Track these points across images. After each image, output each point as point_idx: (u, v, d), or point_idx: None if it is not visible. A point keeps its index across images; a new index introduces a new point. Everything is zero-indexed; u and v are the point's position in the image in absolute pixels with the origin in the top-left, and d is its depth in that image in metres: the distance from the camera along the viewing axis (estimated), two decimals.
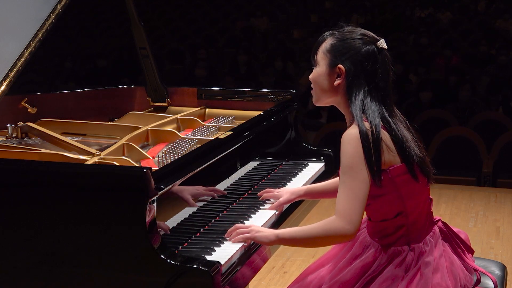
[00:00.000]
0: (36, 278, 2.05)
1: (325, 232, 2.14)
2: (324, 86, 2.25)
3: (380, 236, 2.25)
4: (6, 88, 2.63)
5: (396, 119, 2.22)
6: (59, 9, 2.82)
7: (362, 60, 2.18)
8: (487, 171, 6.60)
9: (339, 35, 2.25)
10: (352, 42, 2.21)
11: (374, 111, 2.15)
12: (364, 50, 2.19)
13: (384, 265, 2.21)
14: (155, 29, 11.75)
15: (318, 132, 7.16)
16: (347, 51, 2.20)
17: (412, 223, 2.21)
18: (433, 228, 2.29)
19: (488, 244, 4.89)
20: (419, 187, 2.21)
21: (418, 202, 2.22)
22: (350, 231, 2.10)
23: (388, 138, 2.15)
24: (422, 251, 2.21)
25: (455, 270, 2.25)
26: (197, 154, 2.40)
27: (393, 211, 2.20)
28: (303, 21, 12.55)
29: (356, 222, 2.10)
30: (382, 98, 2.19)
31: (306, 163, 3.15)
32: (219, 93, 3.54)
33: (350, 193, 2.10)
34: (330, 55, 2.23)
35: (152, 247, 1.93)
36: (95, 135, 3.08)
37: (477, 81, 8.33)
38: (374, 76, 2.18)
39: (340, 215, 2.11)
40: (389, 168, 2.14)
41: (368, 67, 2.18)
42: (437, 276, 2.18)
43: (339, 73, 2.20)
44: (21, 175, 2.07)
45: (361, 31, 2.26)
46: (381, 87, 2.19)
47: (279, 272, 4.35)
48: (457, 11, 11.60)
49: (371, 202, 2.19)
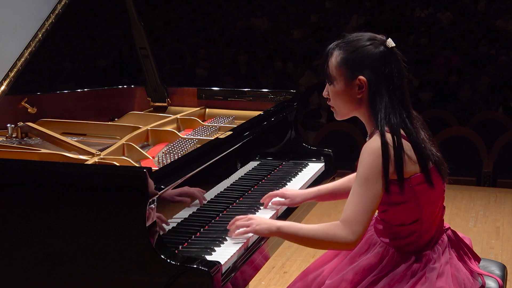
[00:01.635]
0: (36, 278, 2.05)
1: (327, 237, 2.12)
2: (347, 101, 2.20)
3: (392, 238, 2.24)
4: (6, 88, 2.62)
5: (414, 119, 2.19)
6: (59, 9, 2.81)
7: (379, 65, 2.14)
8: (487, 171, 6.60)
9: (347, 47, 2.19)
10: (364, 50, 2.16)
11: (397, 120, 2.12)
12: (378, 54, 2.15)
13: (390, 267, 2.21)
14: (155, 29, 11.75)
15: (318, 132, 7.15)
16: (362, 60, 2.15)
17: (425, 230, 2.20)
18: (442, 237, 2.28)
19: (488, 244, 4.89)
20: (436, 195, 2.20)
21: (433, 210, 2.21)
22: (352, 241, 2.09)
23: (409, 146, 2.12)
24: (429, 258, 2.20)
25: (460, 276, 2.24)
26: (197, 154, 2.40)
27: (411, 218, 2.18)
28: (303, 21, 12.55)
29: (359, 233, 2.09)
30: (401, 98, 2.16)
31: (306, 163, 3.15)
32: (219, 93, 3.54)
33: (361, 204, 2.09)
34: (346, 69, 2.17)
35: (152, 247, 1.93)
36: (95, 135, 3.08)
37: (477, 81, 8.32)
38: (391, 78, 2.15)
39: (346, 224, 2.10)
40: (410, 177, 2.12)
41: (385, 70, 2.14)
42: (441, 281, 2.17)
43: (360, 84, 2.16)
44: (21, 175, 2.07)
45: (366, 35, 2.21)
46: (399, 87, 2.16)
47: (279, 272, 4.35)
48: (457, 11, 11.59)
49: (388, 208, 2.18)
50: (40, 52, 2.81)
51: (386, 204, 2.17)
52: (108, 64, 10.29)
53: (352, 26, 11.21)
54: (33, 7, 2.80)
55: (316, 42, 10.46)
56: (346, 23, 11.53)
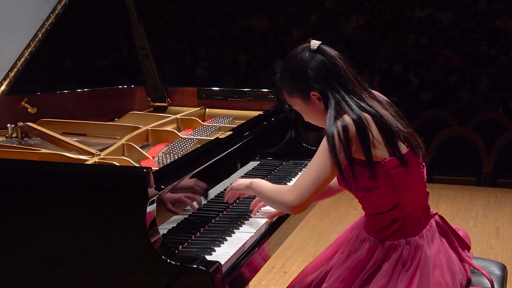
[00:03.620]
0: (36, 278, 2.05)
1: (278, 198, 2.22)
2: (317, 115, 2.27)
3: (376, 229, 2.25)
4: (6, 88, 2.62)
5: (374, 99, 2.22)
6: (59, 9, 2.81)
7: (317, 72, 2.20)
8: (487, 171, 6.60)
9: (286, 74, 2.28)
10: (298, 69, 2.23)
11: (351, 105, 2.15)
12: (310, 63, 2.21)
13: (381, 260, 2.21)
14: (155, 29, 11.75)
15: (318, 132, 7.15)
16: (303, 78, 2.22)
17: (408, 216, 2.21)
18: (430, 222, 2.29)
19: (488, 244, 4.89)
20: (414, 179, 2.21)
21: (414, 195, 2.22)
22: (294, 205, 2.15)
23: (374, 127, 2.13)
24: (418, 245, 2.21)
25: (452, 265, 2.26)
26: (197, 154, 2.40)
27: (388, 204, 2.20)
28: (303, 21, 12.55)
29: (303, 199, 2.14)
30: (348, 88, 2.19)
31: (306, 163, 3.14)
32: (219, 93, 3.54)
33: (311, 172, 2.14)
34: (297, 94, 2.26)
35: (152, 247, 1.93)
36: (95, 135, 3.08)
37: (477, 81, 8.32)
38: (333, 74, 2.19)
39: (294, 187, 2.17)
40: (384, 160, 2.14)
41: (325, 71, 2.20)
42: (436, 273, 2.18)
43: (318, 97, 2.22)
44: (21, 175, 2.07)
45: (293, 52, 2.28)
46: (342, 78, 2.20)
47: (279, 272, 4.35)
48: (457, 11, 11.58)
49: (365, 194, 2.20)
50: (40, 52, 2.81)
51: (362, 189, 2.19)
52: (108, 64, 10.29)
53: (352, 26, 11.22)
54: (33, 7, 2.80)
55: None
56: (346, 23, 11.53)
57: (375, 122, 2.14)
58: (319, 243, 4.78)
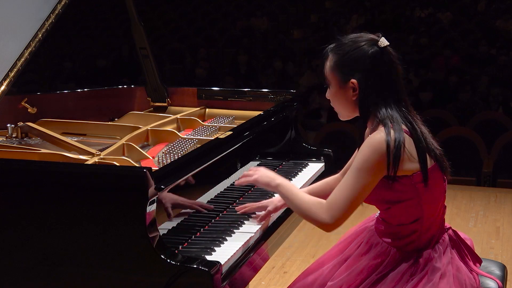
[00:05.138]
0: (36, 278, 2.05)
1: (309, 212, 2.17)
2: (344, 103, 2.23)
3: (393, 238, 2.24)
4: (6, 88, 2.62)
5: (414, 116, 2.20)
6: (59, 9, 2.81)
7: (370, 67, 2.15)
8: (487, 171, 6.60)
9: (340, 50, 2.21)
10: (355, 53, 2.17)
11: (397, 118, 2.12)
12: (369, 56, 2.16)
13: (391, 267, 2.20)
14: (155, 29, 11.75)
15: (318, 132, 7.15)
16: (353, 63, 2.17)
17: (426, 229, 2.20)
18: (443, 236, 2.27)
19: (488, 244, 4.89)
20: (438, 193, 2.20)
21: (435, 209, 2.21)
22: (328, 224, 2.13)
23: (411, 141, 2.12)
24: (430, 257, 2.20)
25: (461, 277, 2.24)
26: (197, 154, 2.40)
27: (412, 217, 2.18)
28: (303, 21, 12.55)
29: (338, 219, 2.11)
30: (398, 97, 2.17)
31: (306, 163, 3.15)
32: (219, 93, 3.54)
33: (347, 191, 2.11)
34: (338, 73, 2.20)
35: (152, 247, 1.93)
36: (95, 135, 3.08)
37: (477, 81, 8.33)
38: (386, 78, 2.16)
39: (328, 206, 2.13)
40: (413, 174, 2.12)
41: (378, 71, 2.15)
42: (443, 282, 2.17)
43: (354, 87, 2.18)
44: (21, 175, 2.07)
45: (360, 37, 2.22)
46: (395, 85, 2.17)
47: (279, 272, 4.35)
48: (457, 11, 11.59)
49: (391, 206, 2.18)
50: (40, 52, 2.81)
51: (388, 202, 2.17)
52: (108, 64, 10.29)
53: (352, 26, 11.21)
54: (33, 7, 2.80)
55: (316, 42, 10.47)
56: (346, 23, 11.53)
57: (411, 136, 2.13)
58: (319, 243, 4.78)
